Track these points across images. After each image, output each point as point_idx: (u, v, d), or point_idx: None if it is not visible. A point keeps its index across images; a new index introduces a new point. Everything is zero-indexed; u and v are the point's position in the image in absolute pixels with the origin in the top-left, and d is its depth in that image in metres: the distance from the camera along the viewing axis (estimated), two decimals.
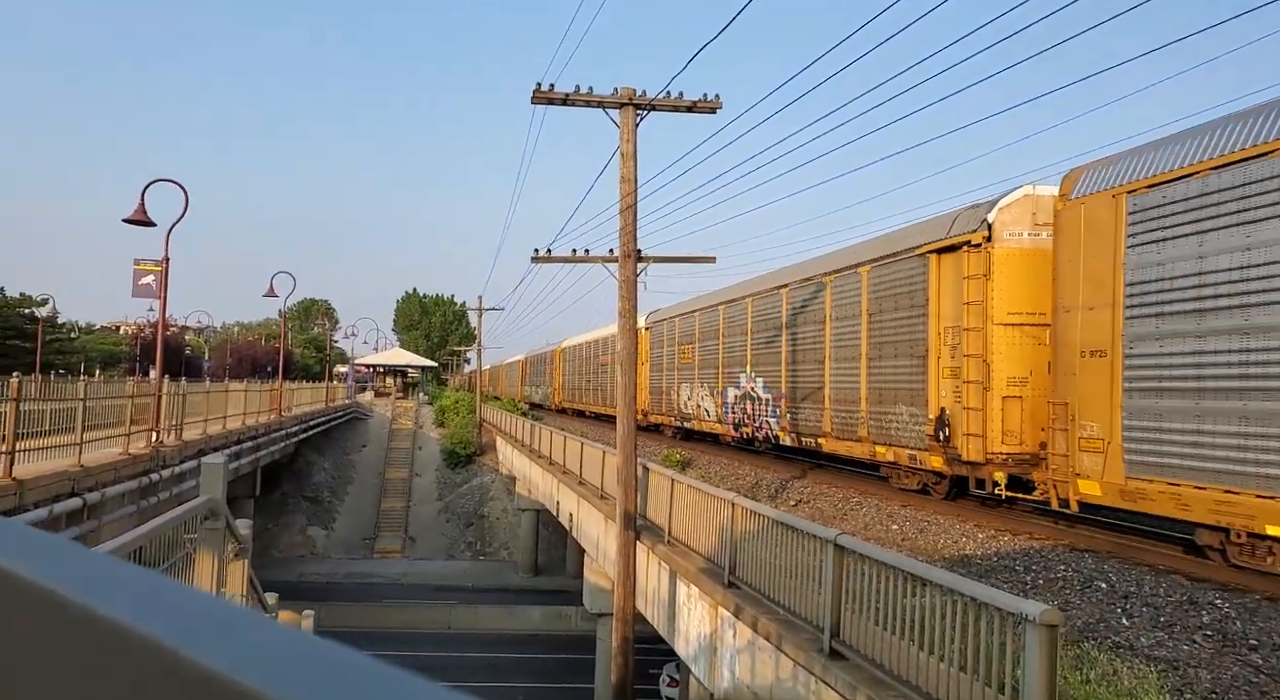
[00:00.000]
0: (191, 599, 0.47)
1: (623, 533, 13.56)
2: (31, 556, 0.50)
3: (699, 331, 26.45)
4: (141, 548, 4.01)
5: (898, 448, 15.16)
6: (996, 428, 12.83)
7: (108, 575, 0.49)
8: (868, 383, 16.06)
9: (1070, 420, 11.24)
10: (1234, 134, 9.30)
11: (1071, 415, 11.24)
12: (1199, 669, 7.05)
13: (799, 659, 8.11)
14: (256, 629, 0.44)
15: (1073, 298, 11.35)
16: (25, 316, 58.53)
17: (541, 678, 25.93)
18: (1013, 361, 12.84)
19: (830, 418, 17.43)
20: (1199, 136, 9.83)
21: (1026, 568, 10.39)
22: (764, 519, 9.50)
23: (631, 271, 14.11)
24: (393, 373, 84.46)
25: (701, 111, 13.94)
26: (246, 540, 5.74)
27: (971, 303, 13.14)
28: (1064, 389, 11.47)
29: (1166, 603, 8.61)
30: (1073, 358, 11.30)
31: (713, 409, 25.14)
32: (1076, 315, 11.28)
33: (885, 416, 15.45)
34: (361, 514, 45.61)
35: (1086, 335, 11.13)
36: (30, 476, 11.89)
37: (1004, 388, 12.85)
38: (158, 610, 0.44)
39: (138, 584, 0.48)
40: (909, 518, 13.66)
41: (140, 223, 18.63)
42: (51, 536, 0.58)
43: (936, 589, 6.24)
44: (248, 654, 0.41)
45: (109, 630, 0.43)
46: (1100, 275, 10.87)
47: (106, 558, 0.54)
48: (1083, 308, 11.19)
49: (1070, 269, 11.43)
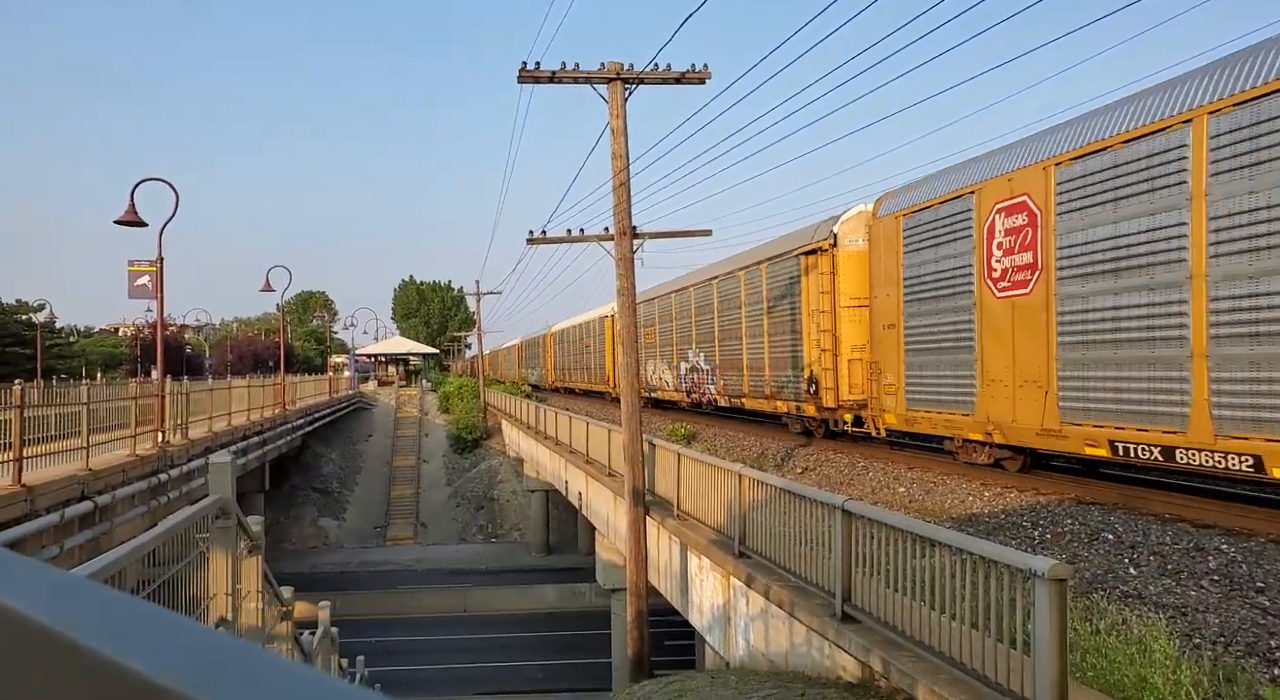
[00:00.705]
0: (212, 643, 0.47)
1: (632, 509, 13.65)
2: (45, 598, 0.49)
3: (658, 315, 30.29)
4: (155, 549, 4.04)
5: (789, 401, 19.55)
6: (845, 382, 17.20)
7: (125, 616, 0.48)
8: (769, 354, 20.42)
9: (879, 374, 15.92)
10: (941, 182, 14.19)
11: (880, 370, 15.88)
12: (1207, 613, 7.13)
13: (812, 624, 8.21)
14: (285, 675, 0.44)
15: (878, 288, 15.98)
16: (23, 323, 58.50)
17: (559, 654, 26.23)
18: (854, 334, 17.09)
19: (748, 382, 21.91)
20: (936, 178, 14.51)
21: (1034, 523, 10.47)
22: (772, 488, 9.56)
23: (628, 248, 14.07)
24: (394, 361, 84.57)
25: (690, 82, 13.82)
26: (259, 536, 5.78)
27: (825, 292, 17.46)
28: (875, 352, 16.16)
29: (1173, 550, 8.68)
30: (879, 330, 15.94)
31: (670, 380, 29.06)
32: (880, 300, 15.91)
33: (781, 378, 19.83)
34: (372, 503, 45.90)
35: (884, 314, 15.71)
36: (40, 482, 11.96)
37: (848, 353, 17.18)
38: (177, 656, 0.43)
39: (155, 624, 0.48)
40: (915, 480, 13.74)
41: (131, 223, 18.57)
42: (67, 575, 0.57)
43: (945, 549, 6.30)
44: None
45: (128, 679, 0.42)
46: (891, 272, 15.45)
47: (127, 598, 0.53)
48: (882, 295, 15.77)
49: (876, 267, 16.08)
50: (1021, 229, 12.03)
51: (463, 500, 44.71)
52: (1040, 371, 11.63)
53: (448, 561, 37.07)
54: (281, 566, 29.54)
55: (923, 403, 14.50)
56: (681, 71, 13.71)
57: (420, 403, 61.13)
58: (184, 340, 70.85)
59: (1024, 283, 11.99)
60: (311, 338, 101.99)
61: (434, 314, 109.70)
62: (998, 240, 12.52)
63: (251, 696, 0.40)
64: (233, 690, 0.41)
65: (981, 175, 12.97)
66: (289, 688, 0.42)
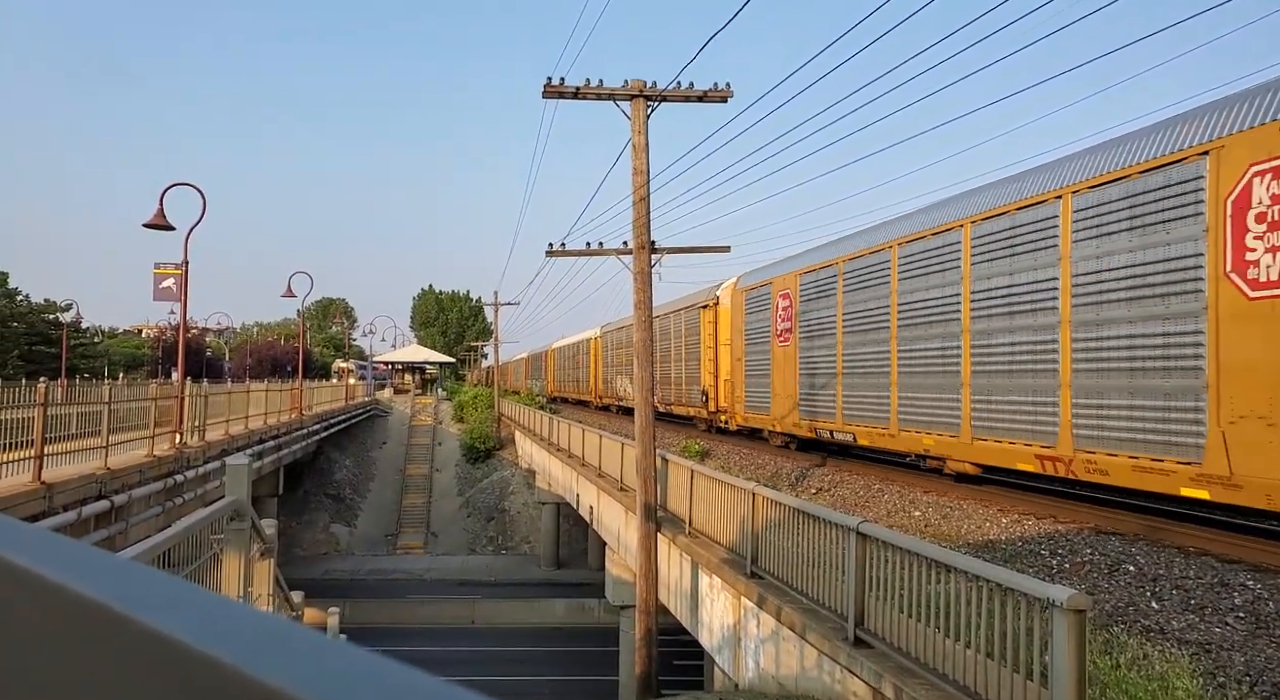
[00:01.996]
0: (250, 617, 0.48)
1: (643, 525, 13.57)
2: (90, 574, 0.51)
3: (625, 340, 36.04)
4: (169, 549, 4.04)
5: (695, 407, 27.91)
6: (721, 395, 25.58)
7: (166, 593, 0.49)
8: (686, 374, 28.91)
9: (734, 390, 24.41)
10: (757, 276, 23.25)
11: (734, 388, 24.35)
12: (1232, 651, 6.97)
13: (823, 648, 8.09)
14: (319, 648, 0.44)
15: (734, 334, 24.58)
16: (50, 322, 59.33)
17: (566, 670, 26.05)
18: (725, 364, 25.31)
19: (674, 393, 30.24)
20: (759, 272, 23.28)
21: (1052, 552, 10.30)
22: (785, 508, 9.47)
23: (646, 263, 14.07)
24: (411, 369, 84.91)
25: (712, 101, 13.86)
26: (271, 539, 5.78)
27: (710, 335, 26.22)
28: (732, 377, 24.66)
29: (1197, 585, 8.50)
30: (733, 361, 24.52)
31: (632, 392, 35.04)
32: (734, 343, 24.54)
33: (691, 392, 28.11)
34: (383, 510, 45.96)
35: (735, 352, 24.36)
36: (59, 480, 12.04)
37: (724, 375, 25.38)
38: (216, 628, 0.44)
39: (194, 601, 0.49)
40: (931, 503, 13.59)
41: (160, 227, 18.79)
42: (109, 555, 0.58)
43: (961, 575, 6.20)
44: (309, 670, 0.41)
45: (169, 648, 0.43)
46: (739, 325, 24.12)
47: (165, 576, 0.54)
48: (736, 339, 24.41)
49: (735, 321, 24.55)
50: (784, 307, 20.97)
51: (474, 511, 44.68)
52: (790, 389, 20.49)
53: (457, 572, 37.00)
54: (292, 571, 29.57)
55: (753, 408, 22.95)
56: (704, 90, 13.76)
57: (435, 411, 61.29)
58: (204, 343, 71.51)
59: (786, 337, 20.74)
60: (330, 344, 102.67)
61: (452, 323, 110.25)
62: (779, 313, 21.33)
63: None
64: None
65: (780, 272, 21.56)
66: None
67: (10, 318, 57.98)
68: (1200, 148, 9.47)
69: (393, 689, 0.41)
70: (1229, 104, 9.33)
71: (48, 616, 0.50)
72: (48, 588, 0.50)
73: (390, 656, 0.45)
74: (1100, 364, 10.86)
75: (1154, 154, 10.16)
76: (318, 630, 0.51)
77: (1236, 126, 9.05)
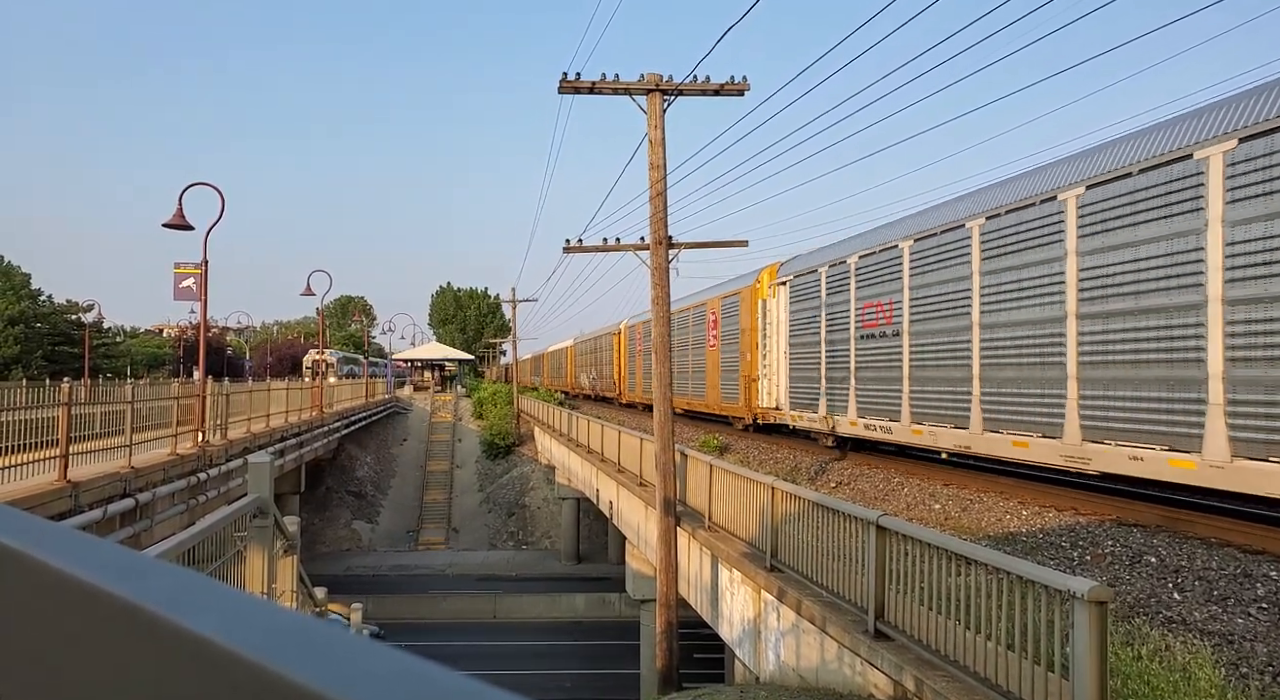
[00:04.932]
0: (275, 614, 0.49)
1: (663, 519, 13.60)
2: (118, 572, 0.52)
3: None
4: (194, 547, 4.11)
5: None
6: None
7: (193, 591, 0.50)
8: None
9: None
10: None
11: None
12: (1255, 642, 6.91)
13: (843, 640, 8.10)
14: (345, 645, 0.45)
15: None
16: (72, 322, 60.12)
17: (587, 664, 26.18)
18: None
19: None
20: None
21: (1073, 544, 10.24)
22: (805, 502, 9.46)
23: (663, 258, 14.07)
24: (430, 366, 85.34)
25: (729, 94, 13.82)
26: (294, 536, 5.86)
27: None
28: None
29: (1219, 576, 8.43)
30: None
31: None
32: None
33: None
34: (405, 507, 46.29)
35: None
36: (84, 479, 12.23)
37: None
38: (247, 627, 0.45)
39: (221, 599, 0.50)
40: (951, 496, 13.53)
41: (179, 227, 19.00)
42: (137, 554, 0.60)
43: (981, 567, 6.18)
44: (336, 668, 0.42)
45: (197, 646, 0.44)
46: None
47: (192, 574, 0.55)
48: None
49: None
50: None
51: (494, 506, 44.92)
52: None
53: (478, 567, 37.24)
54: (315, 568, 29.86)
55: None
56: (720, 83, 13.71)
57: (455, 408, 61.59)
58: (225, 342, 72.22)
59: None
60: (350, 342, 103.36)
61: (470, 320, 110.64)
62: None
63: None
64: None
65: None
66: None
67: (34, 318, 58.81)
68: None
69: (417, 686, 0.42)
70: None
71: (77, 615, 0.51)
72: (76, 587, 0.51)
73: (412, 652, 0.46)
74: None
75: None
76: (343, 627, 0.53)
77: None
